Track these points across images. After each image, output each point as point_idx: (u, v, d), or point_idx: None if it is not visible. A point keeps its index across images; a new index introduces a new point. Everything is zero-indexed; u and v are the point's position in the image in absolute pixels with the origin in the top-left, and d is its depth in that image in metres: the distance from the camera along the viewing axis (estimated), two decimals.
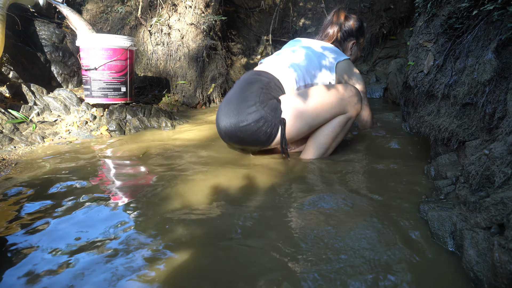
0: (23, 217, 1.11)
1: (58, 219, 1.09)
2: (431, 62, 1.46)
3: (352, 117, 1.63)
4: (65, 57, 3.20)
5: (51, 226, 1.05)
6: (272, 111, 1.52)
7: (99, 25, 3.90)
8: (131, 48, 2.63)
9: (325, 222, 1.02)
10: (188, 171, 1.50)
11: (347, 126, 1.64)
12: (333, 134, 1.61)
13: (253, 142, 1.58)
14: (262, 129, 1.52)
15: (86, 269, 0.84)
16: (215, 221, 1.06)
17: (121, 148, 1.91)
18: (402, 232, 0.97)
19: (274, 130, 1.53)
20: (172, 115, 2.71)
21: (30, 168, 1.58)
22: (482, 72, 1.09)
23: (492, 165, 0.83)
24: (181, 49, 3.41)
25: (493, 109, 1.04)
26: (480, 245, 0.75)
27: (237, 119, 1.53)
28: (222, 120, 1.61)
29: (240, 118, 1.53)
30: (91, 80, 2.54)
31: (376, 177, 1.39)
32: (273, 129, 1.53)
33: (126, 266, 0.85)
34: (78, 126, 2.29)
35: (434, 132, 1.36)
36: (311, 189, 1.28)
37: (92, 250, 0.92)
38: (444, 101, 1.36)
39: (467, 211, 0.87)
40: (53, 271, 0.84)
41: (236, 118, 1.54)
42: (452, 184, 1.12)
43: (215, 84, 3.39)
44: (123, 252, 0.91)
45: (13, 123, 2.07)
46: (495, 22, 1.09)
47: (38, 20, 3.21)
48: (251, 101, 1.53)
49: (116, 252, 0.91)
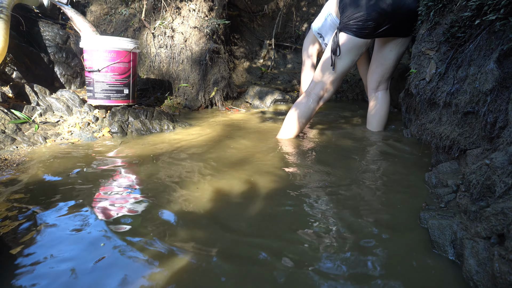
0: (20, 218, 1.11)
1: (57, 221, 1.10)
2: (433, 70, 1.46)
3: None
4: (69, 58, 3.22)
5: (49, 228, 1.05)
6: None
7: (103, 26, 3.91)
8: (134, 50, 2.64)
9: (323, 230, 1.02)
10: (189, 174, 1.51)
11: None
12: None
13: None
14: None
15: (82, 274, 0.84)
16: (216, 225, 1.06)
17: (123, 151, 1.92)
18: (402, 239, 0.97)
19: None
20: (174, 118, 2.72)
21: (32, 169, 1.59)
22: (483, 82, 1.09)
23: (493, 175, 0.84)
24: (184, 52, 3.42)
25: (495, 119, 1.04)
26: (480, 254, 0.76)
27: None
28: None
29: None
30: (94, 82, 2.55)
31: (377, 183, 1.39)
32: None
33: (123, 268, 0.85)
34: (80, 128, 2.30)
35: (436, 140, 1.37)
36: (311, 195, 1.28)
37: (90, 253, 0.92)
38: (445, 109, 1.36)
39: (468, 220, 0.87)
40: (46, 276, 0.84)
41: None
42: (453, 192, 1.12)
43: (217, 87, 3.40)
44: (121, 255, 0.91)
45: (16, 123, 2.08)
46: (497, 32, 1.10)
47: (42, 21, 3.23)
48: None
49: (113, 254, 0.91)
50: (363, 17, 1.83)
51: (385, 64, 2.13)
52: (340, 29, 1.93)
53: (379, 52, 2.14)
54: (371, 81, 2.21)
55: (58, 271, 0.85)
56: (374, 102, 2.24)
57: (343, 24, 1.92)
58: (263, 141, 2.08)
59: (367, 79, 2.27)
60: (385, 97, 2.22)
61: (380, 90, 2.22)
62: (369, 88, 2.25)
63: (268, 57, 4.65)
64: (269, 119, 2.76)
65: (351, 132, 2.25)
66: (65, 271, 0.85)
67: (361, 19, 1.84)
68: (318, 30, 2.46)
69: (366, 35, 1.89)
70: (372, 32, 1.88)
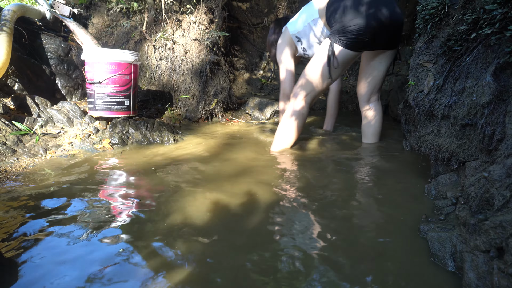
0: (22, 231, 1.11)
1: (57, 232, 1.10)
2: (431, 83, 1.48)
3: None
4: (70, 70, 3.25)
5: (50, 241, 1.05)
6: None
7: (105, 39, 3.96)
8: (135, 62, 2.67)
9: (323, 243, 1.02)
10: (190, 186, 1.51)
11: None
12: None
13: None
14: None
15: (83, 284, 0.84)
16: (216, 238, 1.06)
17: (123, 162, 1.92)
18: (402, 251, 0.97)
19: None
20: (174, 129, 2.73)
21: (32, 181, 1.59)
22: (481, 95, 1.10)
23: (491, 188, 0.84)
24: (185, 64, 3.45)
25: (492, 131, 1.05)
26: (480, 268, 0.76)
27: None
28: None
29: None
30: (95, 94, 2.57)
31: (376, 195, 1.39)
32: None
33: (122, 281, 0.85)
34: (81, 139, 2.31)
35: (435, 151, 1.37)
36: (309, 207, 1.28)
37: (89, 267, 0.92)
38: (444, 121, 1.37)
39: (467, 233, 0.87)
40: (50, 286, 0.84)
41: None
42: (452, 205, 1.13)
43: (218, 99, 3.42)
44: (121, 267, 0.91)
45: (17, 135, 2.09)
46: (493, 46, 1.11)
47: (44, 33, 3.27)
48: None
49: (114, 268, 0.91)
50: (360, 29, 1.82)
51: (377, 76, 2.13)
52: (334, 41, 1.89)
53: (369, 64, 2.14)
54: (364, 94, 2.21)
55: (60, 284, 0.84)
56: (367, 114, 2.24)
57: (337, 35, 1.88)
58: (262, 153, 2.08)
59: (359, 93, 2.25)
60: (378, 108, 2.22)
61: (372, 101, 2.21)
62: (362, 101, 2.24)
63: (268, 68, 4.69)
64: (269, 130, 2.77)
65: (350, 144, 2.26)
66: (67, 283, 0.84)
67: (357, 31, 1.82)
68: (297, 33, 2.28)
69: (361, 48, 1.90)
70: (367, 45, 1.89)
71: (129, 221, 1.18)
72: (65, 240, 1.06)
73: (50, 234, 1.09)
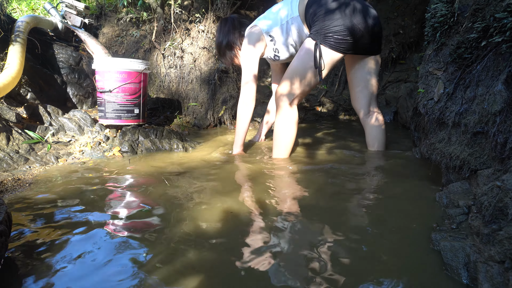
0: (34, 238, 1.13)
1: (69, 240, 1.11)
2: (441, 90, 1.47)
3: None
4: (81, 79, 3.30)
5: (61, 250, 1.06)
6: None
7: (115, 48, 4.02)
8: (145, 71, 2.70)
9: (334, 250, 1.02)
10: (199, 193, 1.52)
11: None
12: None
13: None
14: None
15: None
16: (226, 247, 1.06)
17: (133, 170, 1.94)
18: (414, 261, 0.96)
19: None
20: (183, 137, 2.75)
21: (44, 189, 1.61)
22: (492, 103, 1.10)
23: (504, 197, 0.83)
24: (193, 72, 3.49)
25: (505, 139, 1.04)
26: (495, 279, 0.75)
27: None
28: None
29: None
30: (106, 102, 2.61)
31: (386, 202, 1.38)
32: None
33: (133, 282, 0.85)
34: (91, 147, 2.34)
35: (446, 159, 1.36)
36: (319, 215, 1.28)
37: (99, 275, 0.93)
38: (454, 129, 1.36)
39: (481, 243, 0.86)
40: None
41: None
42: (464, 214, 1.11)
43: (226, 106, 3.44)
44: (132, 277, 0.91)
45: (29, 143, 2.13)
46: (504, 54, 1.11)
47: (56, 43, 3.34)
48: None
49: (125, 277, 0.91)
50: (344, 30, 1.82)
51: (369, 85, 2.11)
52: (320, 42, 1.86)
53: (357, 75, 2.11)
54: (362, 106, 2.15)
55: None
56: (370, 124, 2.17)
57: (322, 36, 1.85)
58: (271, 161, 2.08)
59: (356, 107, 2.19)
60: (379, 117, 2.16)
61: (372, 111, 2.15)
62: (361, 114, 2.17)
63: None
64: None
65: (359, 150, 2.25)
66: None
67: (342, 31, 1.82)
68: (271, 31, 2.14)
69: (346, 49, 1.89)
70: (351, 47, 1.89)
71: (140, 228, 1.19)
72: (74, 248, 1.07)
73: (57, 244, 1.10)
